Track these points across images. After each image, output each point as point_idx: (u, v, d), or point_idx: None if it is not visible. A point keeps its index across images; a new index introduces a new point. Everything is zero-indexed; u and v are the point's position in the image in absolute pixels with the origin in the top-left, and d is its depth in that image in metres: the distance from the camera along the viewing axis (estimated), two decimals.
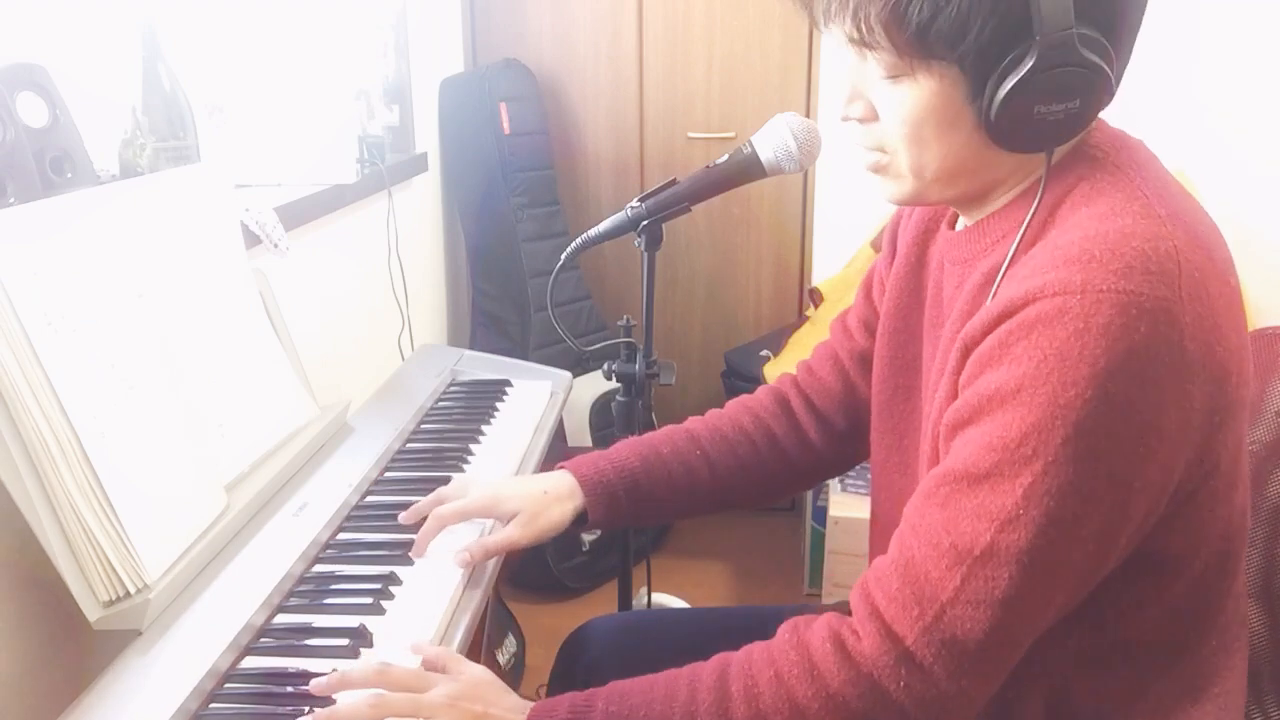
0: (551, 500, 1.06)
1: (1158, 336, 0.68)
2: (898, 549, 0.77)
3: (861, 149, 0.85)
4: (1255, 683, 1.03)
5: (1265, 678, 1.04)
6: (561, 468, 1.11)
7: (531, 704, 0.84)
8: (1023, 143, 0.76)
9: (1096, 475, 0.69)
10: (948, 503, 0.74)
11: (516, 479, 1.14)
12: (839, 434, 1.13)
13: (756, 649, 0.81)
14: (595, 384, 2.56)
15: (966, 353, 0.77)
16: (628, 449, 1.11)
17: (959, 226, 0.90)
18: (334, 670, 0.83)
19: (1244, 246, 0.82)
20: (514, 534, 1.04)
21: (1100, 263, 0.69)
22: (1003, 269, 0.79)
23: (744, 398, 1.19)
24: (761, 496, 1.16)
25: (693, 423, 1.16)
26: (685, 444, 1.12)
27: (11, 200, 1.00)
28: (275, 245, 1.49)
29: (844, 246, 2.64)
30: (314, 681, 0.82)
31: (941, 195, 0.84)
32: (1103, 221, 0.73)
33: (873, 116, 0.82)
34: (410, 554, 1.05)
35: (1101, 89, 0.73)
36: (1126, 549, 0.75)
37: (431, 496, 1.10)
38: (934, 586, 0.73)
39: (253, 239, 1.44)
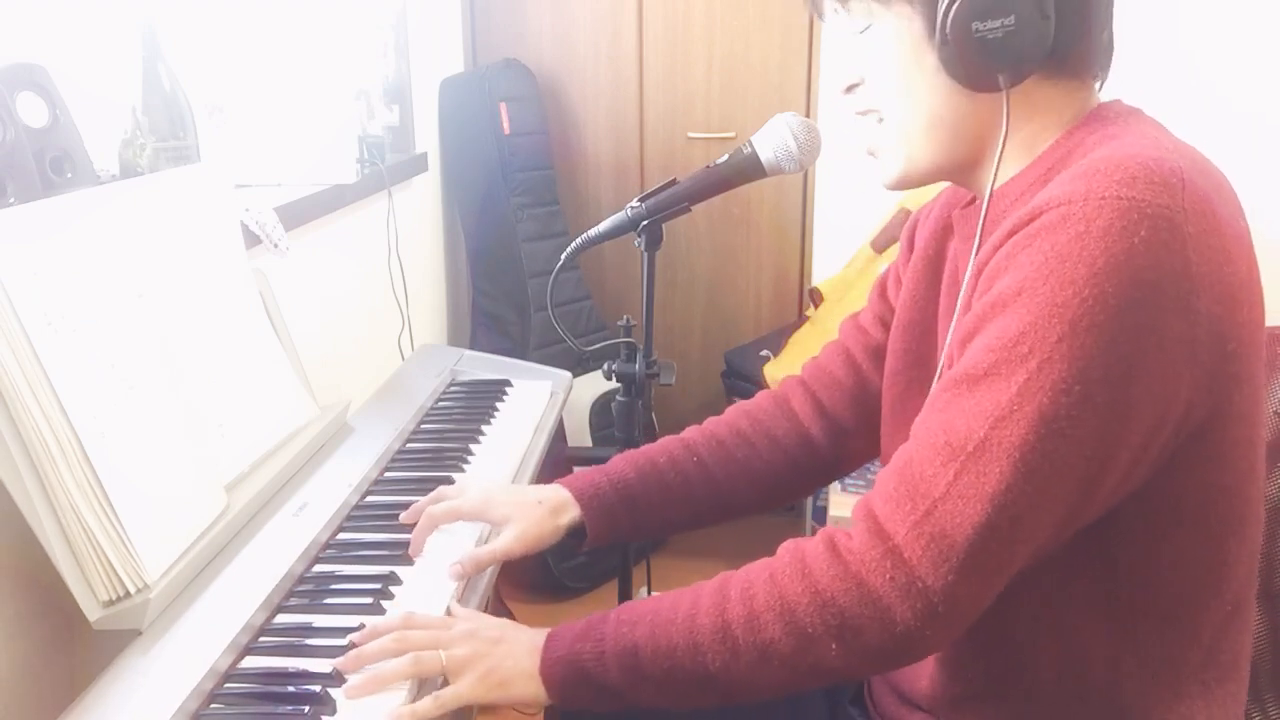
0: (545, 512, 1.06)
1: (1158, 242, 0.69)
2: (899, 456, 0.78)
3: (857, 120, 0.90)
4: (1255, 682, 1.03)
5: (1265, 678, 1.04)
6: (557, 483, 1.10)
7: (548, 630, 0.89)
8: (973, 70, 0.80)
9: (1090, 375, 0.70)
10: (948, 406, 0.75)
11: (513, 487, 1.14)
12: (845, 430, 1.12)
13: (758, 561, 0.84)
14: (595, 384, 2.57)
15: (979, 273, 0.79)
16: (622, 462, 1.11)
17: None
18: (361, 624, 0.90)
19: None
20: (507, 546, 1.03)
21: (1104, 174, 0.72)
22: (989, 188, 0.83)
23: (743, 403, 1.19)
24: (765, 501, 1.15)
25: (689, 432, 1.15)
26: (681, 453, 1.12)
27: (11, 200, 1.00)
28: (275, 245, 1.49)
29: (844, 246, 2.64)
30: (351, 637, 0.88)
31: (930, 162, 0.86)
32: (1110, 150, 0.76)
33: (861, 81, 0.88)
34: (408, 552, 1.05)
35: (1035, 7, 0.77)
36: (1132, 470, 0.74)
37: (430, 495, 1.10)
38: (927, 483, 0.74)
39: (253, 239, 1.44)
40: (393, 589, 0.99)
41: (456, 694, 0.84)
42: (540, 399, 1.52)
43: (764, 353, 2.56)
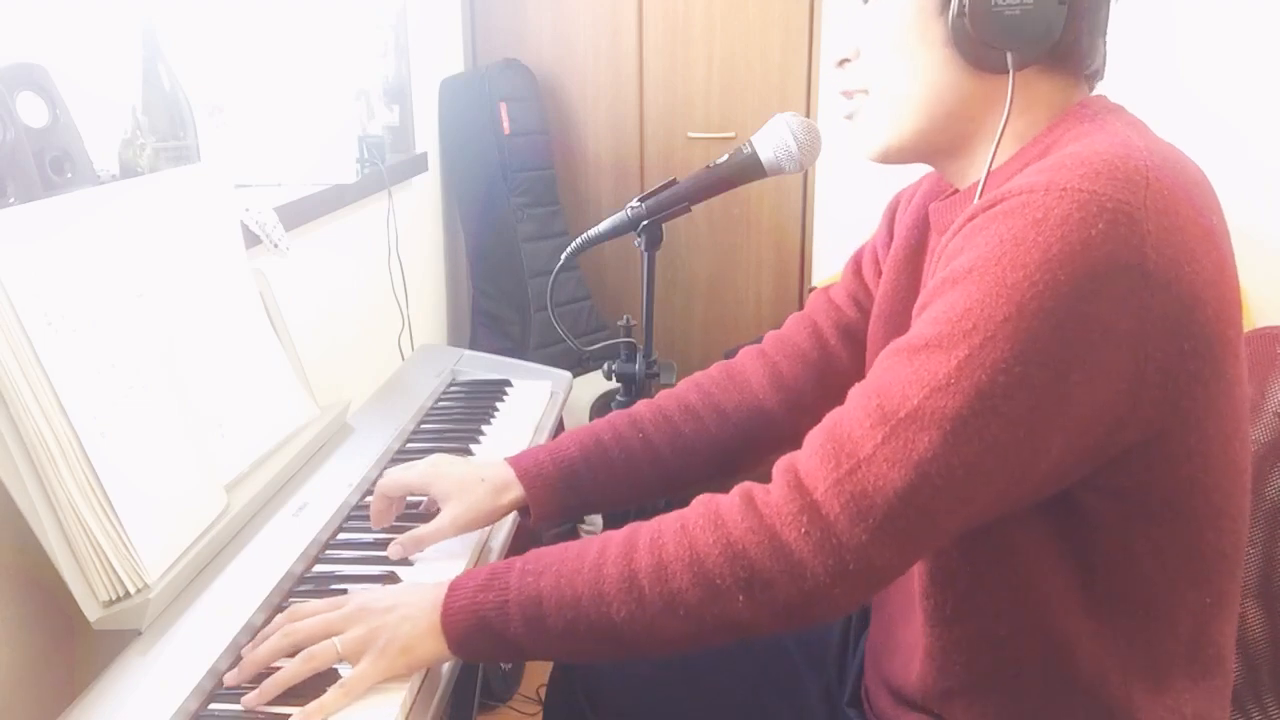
0: (487, 491, 1.04)
1: (1115, 236, 0.69)
2: (830, 416, 0.78)
3: (843, 97, 0.90)
4: (1254, 681, 1.03)
5: (1264, 676, 1.04)
6: (503, 460, 1.09)
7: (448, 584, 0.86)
8: (983, 47, 0.80)
9: (1030, 358, 0.70)
10: (886, 371, 0.76)
11: (461, 461, 1.11)
12: (804, 405, 1.11)
13: (670, 513, 0.83)
14: (595, 384, 2.56)
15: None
16: (569, 439, 1.10)
17: None
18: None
19: (1243, 247, 0.82)
20: (441, 527, 1.02)
21: (1068, 168, 0.72)
22: (984, 174, 0.83)
23: (696, 374, 1.17)
24: (714, 475, 1.12)
25: (639, 406, 1.14)
26: (627, 430, 1.10)
27: (11, 200, 1.00)
28: (275, 245, 1.49)
29: (844, 246, 2.63)
30: (243, 649, 0.86)
31: (918, 138, 0.86)
32: (1080, 146, 0.76)
33: (857, 55, 0.88)
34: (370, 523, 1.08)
35: None
36: (1068, 458, 0.74)
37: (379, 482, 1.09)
38: (854, 443, 0.74)
39: (253, 239, 1.44)
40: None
41: (361, 676, 0.81)
42: (540, 399, 1.52)
43: None
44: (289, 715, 0.80)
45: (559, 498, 1.06)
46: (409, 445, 1.35)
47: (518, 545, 1.12)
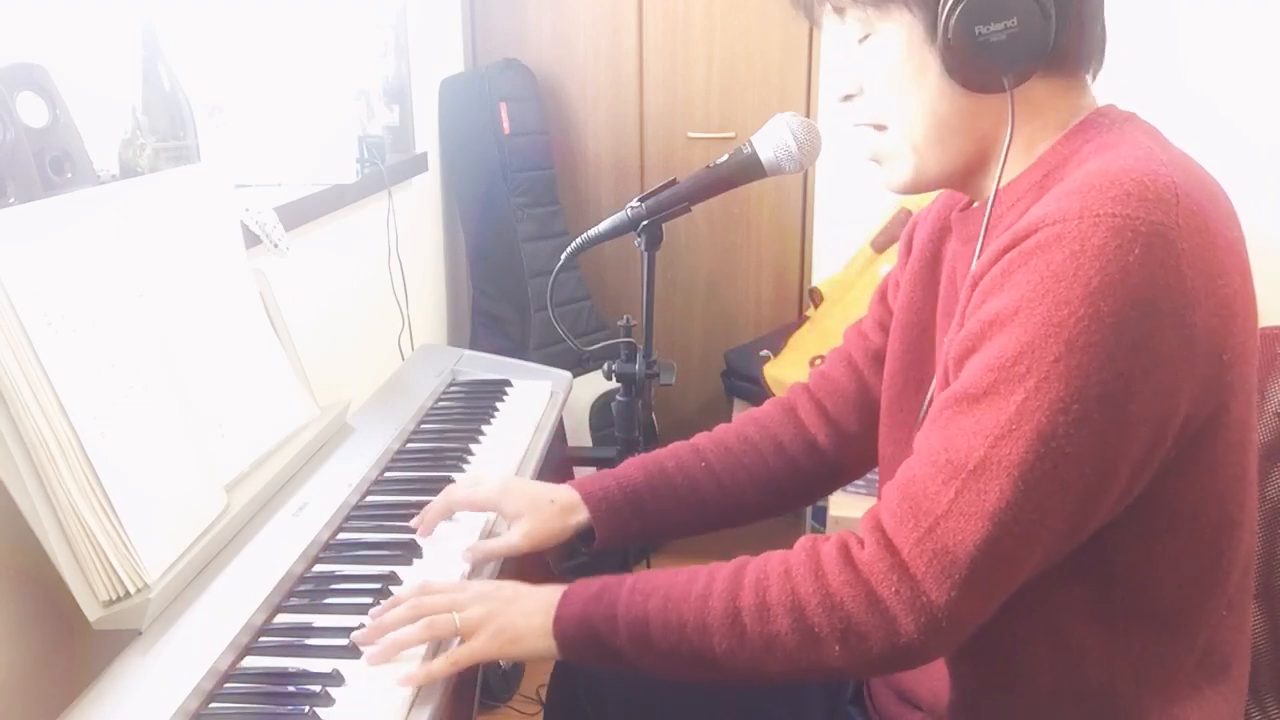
0: (556, 511, 1.08)
1: (1152, 259, 0.69)
2: (902, 471, 0.79)
3: (857, 129, 0.90)
4: (1255, 682, 1.03)
5: (1265, 677, 1.04)
6: (568, 485, 1.11)
7: (564, 587, 0.90)
8: (977, 73, 0.80)
9: (1087, 394, 0.70)
10: (949, 424, 0.76)
11: (529, 483, 1.15)
12: (850, 436, 1.13)
13: (775, 552, 0.85)
14: (595, 384, 2.56)
15: (974, 287, 0.79)
16: (633, 466, 1.12)
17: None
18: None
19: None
20: (515, 542, 1.06)
21: (1099, 190, 0.72)
22: (990, 200, 0.83)
23: (751, 410, 1.20)
24: (772, 507, 1.16)
25: (699, 438, 1.16)
26: (690, 459, 1.13)
27: (11, 200, 1.00)
28: (275, 245, 1.49)
29: (844, 246, 2.65)
30: (372, 611, 0.91)
31: (939, 168, 0.86)
32: (1105, 163, 0.75)
33: (860, 91, 0.88)
34: (412, 523, 1.09)
35: (1037, 7, 0.77)
36: (1133, 483, 0.74)
37: (444, 492, 1.11)
38: (930, 500, 0.75)
39: (253, 239, 1.44)
40: (393, 589, 0.98)
41: (470, 651, 0.86)
42: (540, 399, 1.52)
43: (764, 353, 2.56)
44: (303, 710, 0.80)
45: (623, 523, 1.09)
46: (409, 445, 1.35)
47: (511, 572, 1.13)
